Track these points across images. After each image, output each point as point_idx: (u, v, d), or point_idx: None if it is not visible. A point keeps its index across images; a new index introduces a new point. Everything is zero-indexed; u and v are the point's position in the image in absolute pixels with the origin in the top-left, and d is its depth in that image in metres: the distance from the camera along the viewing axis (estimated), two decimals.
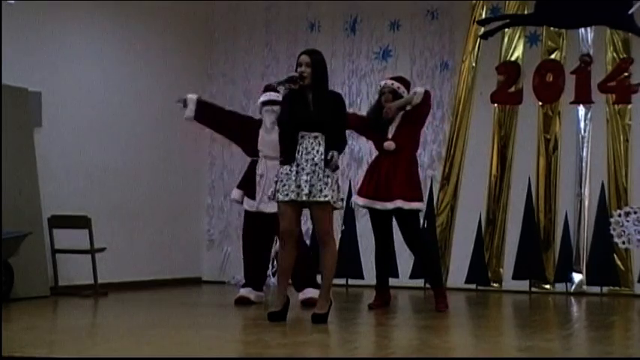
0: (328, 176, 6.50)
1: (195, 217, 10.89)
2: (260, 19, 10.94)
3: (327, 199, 6.46)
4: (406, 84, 8.02)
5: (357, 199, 7.91)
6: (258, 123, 8.20)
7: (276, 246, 8.32)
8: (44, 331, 6.27)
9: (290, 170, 6.53)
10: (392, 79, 8.05)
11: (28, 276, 8.32)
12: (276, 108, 7.88)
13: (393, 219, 7.84)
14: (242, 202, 8.26)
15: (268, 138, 8.00)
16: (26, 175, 8.54)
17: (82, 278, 8.97)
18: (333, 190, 6.51)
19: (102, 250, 8.94)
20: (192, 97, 8.34)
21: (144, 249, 10.05)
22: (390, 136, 7.79)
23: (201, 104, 8.34)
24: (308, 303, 7.63)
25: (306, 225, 9.52)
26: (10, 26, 8.47)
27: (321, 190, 6.46)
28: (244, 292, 8.11)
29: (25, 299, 8.12)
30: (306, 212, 6.88)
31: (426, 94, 7.82)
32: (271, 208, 7.80)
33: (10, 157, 8.33)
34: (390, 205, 7.67)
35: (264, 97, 8.23)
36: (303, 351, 5.37)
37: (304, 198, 6.47)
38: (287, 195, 6.51)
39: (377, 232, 7.92)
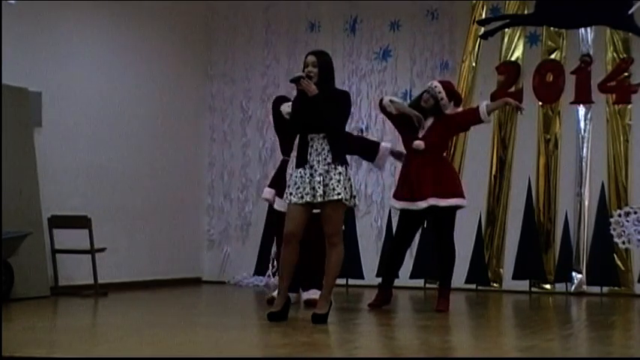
0: (340, 173, 6.51)
1: (195, 217, 10.89)
2: (260, 19, 10.94)
3: (339, 197, 6.47)
4: (452, 95, 7.83)
5: (395, 203, 7.86)
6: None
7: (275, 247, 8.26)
8: (44, 331, 6.27)
9: (303, 173, 6.54)
10: (442, 83, 7.91)
11: (28, 276, 8.32)
12: None
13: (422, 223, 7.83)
14: (274, 202, 8.13)
15: None
16: (26, 175, 8.54)
17: (82, 278, 8.97)
18: (345, 188, 6.52)
19: (102, 250, 8.94)
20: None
21: (144, 249, 10.05)
22: (420, 135, 7.74)
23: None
24: (310, 303, 7.62)
25: None
26: (10, 26, 8.47)
27: (333, 189, 6.47)
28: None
29: (25, 299, 8.11)
30: None
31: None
32: None
33: (10, 157, 8.33)
34: (423, 204, 7.63)
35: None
36: (303, 351, 5.37)
37: (319, 199, 6.49)
38: (302, 198, 6.52)
39: (403, 234, 7.85)
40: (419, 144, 7.69)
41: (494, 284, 10.01)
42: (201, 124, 11.02)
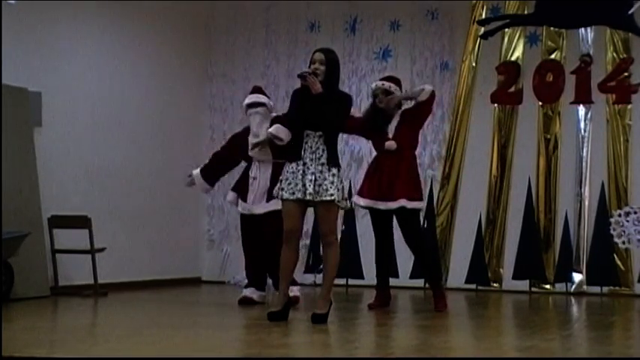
0: (334, 175, 6.51)
1: (195, 217, 10.89)
2: (260, 19, 10.94)
3: (332, 197, 6.47)
4: (398, 83, 7.97)
5: (359, 200, 7.88)
6: (244, 133, 8.17)
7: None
8: (44, 331, 6.27)
9: (296, 169, 6.53)
10: (383, 79, 8.03)
11: (28, 276, 8.32)
12: (261, 110, 7.94)
13: (394, 219, 7.85)
14: (237, 205, 8.25)
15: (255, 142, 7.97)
16: (26, 175, 8.54)
17: (82, 278, 8.97)
18: (338, 190, 6.51)
19: (102, 250, 8.94)
20: (195, 172, 8.37)
21: (144, 249, 10.05)
22: (390, 135, 7.79)
23: (204, 172, 8.36)
24: (292, 301, 7.64)
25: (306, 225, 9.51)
26: (10, 26, 8.47)
27: (327, 190, 6.47)
28: (247, 292, 8.10)
29: (25, 299, 8.11)
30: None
31: (432, 94, 7.84)
32: (261, 209, 7.85)
33: (10, 157, 8.33)
34: (393, 205, 7.66)
35: (248, 100, 8.17)
36: (303, 351, 5.37)
37: (309, 197, 6.48)
38: (293, 194, 6.52)
39: (378, 232, 7.91)
40: (391, 144, 7.74)
41: (494, 284, 10.00)
42: (201, 124, 11.02)
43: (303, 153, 6.54)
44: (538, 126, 10.02)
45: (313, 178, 6.48)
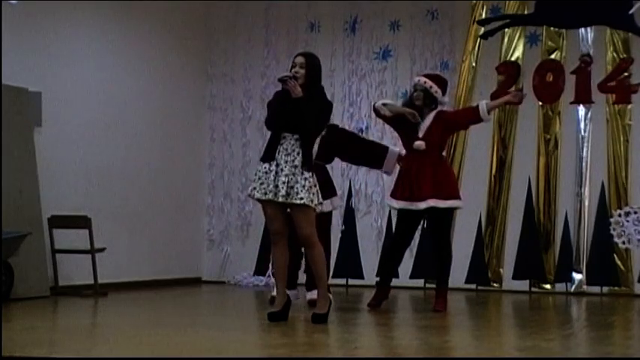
0: (306, 179, 6.48)
1: (195, 217, 10.90)
2: (260, 19, 10.95)
3: (302, 201, 6.44)
4: (441, 82, 7.87)
5: (393, 202, 7.83)
6: None
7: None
8: (44, 331, 6.27)
9: (269, 169, 6.52)
10: (426, 76, 7.95)
11: (28, 276, 8.32)
12: None
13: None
14: None
15: None
16: (26, 175, 8.54)
17: (82, 278, 8.97)
18: (313, 194, 6.49)
19: (102, 250, 8.94)
20: None
21: (144, 249, 10.05)
22: (420, 135, 7.74)
23: None
24: (313, 303, 7.61)
25: None
26: (11, 26, 8.48)
27: (297, 193, 6.44)
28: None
29: (25, 299, 8.12)
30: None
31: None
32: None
33: (10, 157, 8.33)
34: (422, 205, 7.61)
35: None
36: (303, 351, 5.37)
37: (281, 199, 6.46)
38: (265, 194, 6.51)
39: (401, 233, 7.85)
40: (420, 144, 7.67)
41: (495, 284, 10.01)
42: (201, 124, 11.02)
43: (277, 154, 6.52)
44: (538, 126, 10.02)
45: (287, 180, 6.46)
